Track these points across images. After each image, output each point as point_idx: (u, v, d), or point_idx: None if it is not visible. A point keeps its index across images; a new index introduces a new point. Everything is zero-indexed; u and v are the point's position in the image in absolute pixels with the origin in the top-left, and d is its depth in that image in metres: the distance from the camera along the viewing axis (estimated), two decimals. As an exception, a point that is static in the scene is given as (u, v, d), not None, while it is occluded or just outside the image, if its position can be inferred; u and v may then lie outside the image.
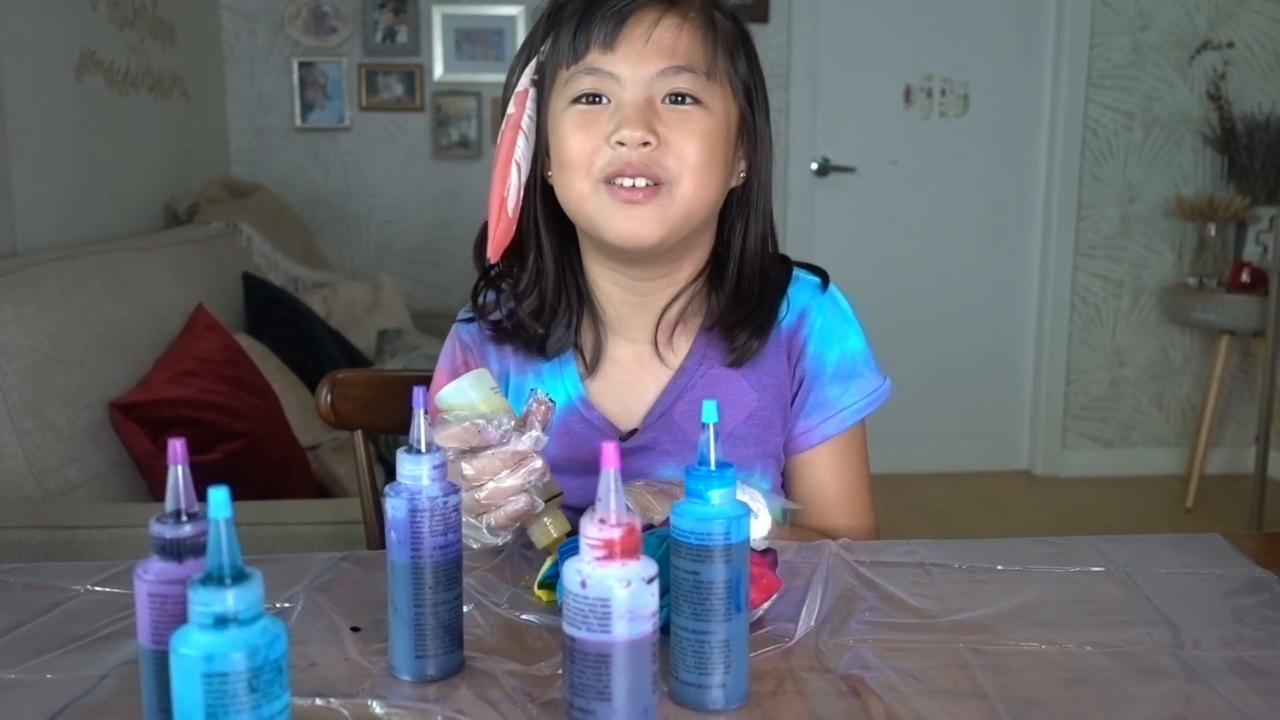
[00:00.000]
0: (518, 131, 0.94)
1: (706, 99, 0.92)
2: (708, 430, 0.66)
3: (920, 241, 3.78)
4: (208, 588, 0.50)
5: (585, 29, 0.91)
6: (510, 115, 0.95)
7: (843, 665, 0.71)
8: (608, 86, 0.91)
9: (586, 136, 0.92)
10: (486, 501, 0.83)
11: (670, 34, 0.91)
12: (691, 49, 0.91)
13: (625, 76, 0.90)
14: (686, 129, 0.91)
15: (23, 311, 1.70)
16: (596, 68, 0.91)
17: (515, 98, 0.94)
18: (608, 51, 0.90)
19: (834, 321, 1.03)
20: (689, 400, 1.00)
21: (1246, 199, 3.56)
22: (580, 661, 0.59)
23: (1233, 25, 3.66)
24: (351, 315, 3.04)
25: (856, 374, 1.03)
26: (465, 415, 0.83)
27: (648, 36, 0.90)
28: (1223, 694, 0.67)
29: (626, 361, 1.03)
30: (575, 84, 0.92)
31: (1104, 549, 0.92)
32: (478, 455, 0.82)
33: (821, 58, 3.66)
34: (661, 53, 0.90)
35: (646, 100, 0.91)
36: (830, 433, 1.02)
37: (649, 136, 0.90)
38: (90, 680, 0.71)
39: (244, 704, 0.50)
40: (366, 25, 3.51)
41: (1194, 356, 3.85)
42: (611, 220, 0.92)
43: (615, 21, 0.90)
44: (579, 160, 0.92)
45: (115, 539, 1.52)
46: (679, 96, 0.92)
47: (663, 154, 0.91)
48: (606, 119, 0.91)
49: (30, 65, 2.17)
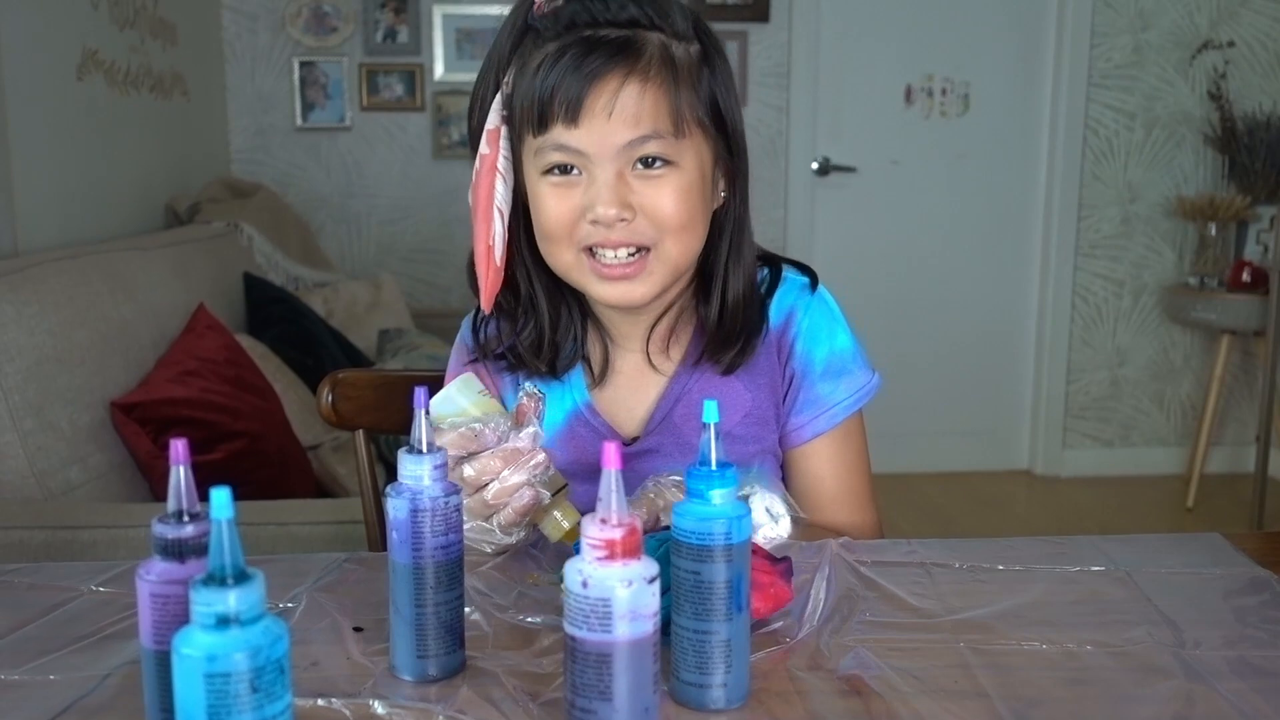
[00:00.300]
0: (495, 174, 0.91)
1: (677, 157, 0.91)
2: (708, 430, 0.66)
3: (921, 241, 3.78)
4: (210, 588, 0.50)
5: (546, 99, 0.88)
6: (485, 156, 0.91)
7: (844, 665, 0.71)
8: (576, 160, 0.90)
9: (562, 208, 0.91)
10: (494, 501, 0.83)
11: (633, 101, 0.87)
12: (656, 112, 0.88)
13: (592, 153, 0.89)
14: (660, 195, 0.90)
15: (24, 311, 1.70)
16: (563, 144, 0.89)
17: (487, 136, 0.91)
18: (571, 126, 0.88)
19: (821, 320, 1.05)
20: (686, 404, 1.02)
21: (1247, 198, 3.56)
22: (581, 661, 0.59)
23: (1234, 25, 3.66)
24: (352, 315, 3.04)
25: (846, 371, 1.04)
26: (459, 422, 0.84)
27: (610, 109, 0.87)
28: (1223, 693, 0.67)
29: (629, 370, 1.05)
30: (544, 157, 0.91)
31: (1105, 549, 0.92)
32: (477, 458, 0.83)
33: (822, 57, 3.66)
34: (626, 123, 0.88)
35: (616, 174, 0.89)
36: (822, 428, 1.04)
37: (624, 213, 0.90)
38: (93, 680, 0.71)
39: (246, 704, 0.50)
40: (367, 25, 3.52)
41: (1194, 356, 3.85)
42: (600, 289, 0.94)
43: (576, 93, 0.87)
44: (559, 232, 0.92)
45: (116, 539, 1.52)
46: (649, 159, 0.90)
47: (640, 223, 0.91)
48: (580, 191, 0.91)
49: (31, 65, 2.17)
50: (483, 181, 0.92)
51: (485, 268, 0.93)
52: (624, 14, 0.88)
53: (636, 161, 0.90)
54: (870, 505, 1.08)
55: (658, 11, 0.90)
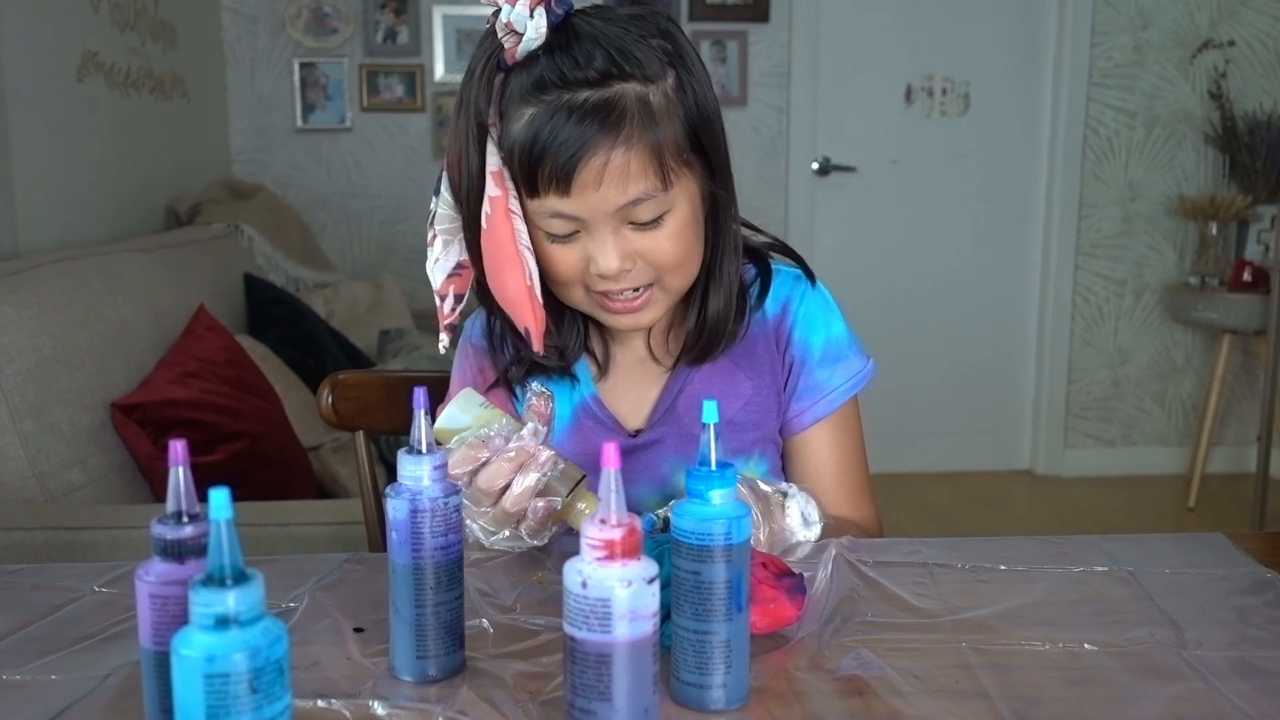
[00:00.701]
0: (510, 216, 0.91)
1: (670, 205, 0.92)
2: (708, 430, 0.66)
3: (921, 241, 3.78)
4: (209, 589, 0.50)
5: (534, 171, 0.89)
6: (494, 198, 0.90)
7: (844, 665, 0.71)
8: (575, 223, 0.91)
9: (569, 261, 0.94)
10: (514, 509, 0.84)
11: (618, 169, 0.88)
12: (643, 175, 0.89)
13: (587, 218, 0.90)
14: (657, 242, 0.93)
15: (24, 313, 1.70)
16: (559, 211, 0.90)
17: (493, 178, 0.90)
18: (563, 196, 0.89)
19: (817, 308, 1.07)
20: (689, 394, 1.04)
21: (1248, 198, 3.55)
22: (581, 662, 0.59)
23: (1234, 24, 3.66)
24: (353, 316, 3.04)
25: (842, 356, 1.07)
26: (465, 437, 0.85)
27: (599, 181, 0.88)
28: (1225, 694, 0.67)
29: (631, 364, 1.07)
30: (544, 221, 0.92)
31: (1107, 548, 0.92)
32: (487, 465, 0.84)
33: (822, 57, 3.66)
34: (615, 190, 0.88)
35: (613, 231, 0.91)
36: (822, 414, 1.06)
37: (625, 264, 0.92)
38: (93, 681, 0.71)
39: (245, 705, 0.50)
40: (367, 26, 3.52)
41: (1196, 356, 3.84)
42: (611, 320, 0.98)
43: (562, 170, 0.87)
44: (567, 278, 0.95)
45: (117, 540, 1.52)
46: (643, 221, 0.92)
47: (642, 269, 0.94)
48: (581, 246, 0.93)
49: (32, 67, 2.17)
50: (500, 226, 0.91)
51: (530, 308, 0.93)
52: (594, 67, 0.87)
53: (631, 220, 0.91)
54: (870, 499, 1.10)
55: (625, 57, 0.88)
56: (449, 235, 0.96)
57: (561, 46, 0.88)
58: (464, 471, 0.84)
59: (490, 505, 0.85)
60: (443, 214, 0.96)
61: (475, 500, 0.85)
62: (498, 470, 0.83)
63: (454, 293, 0.98)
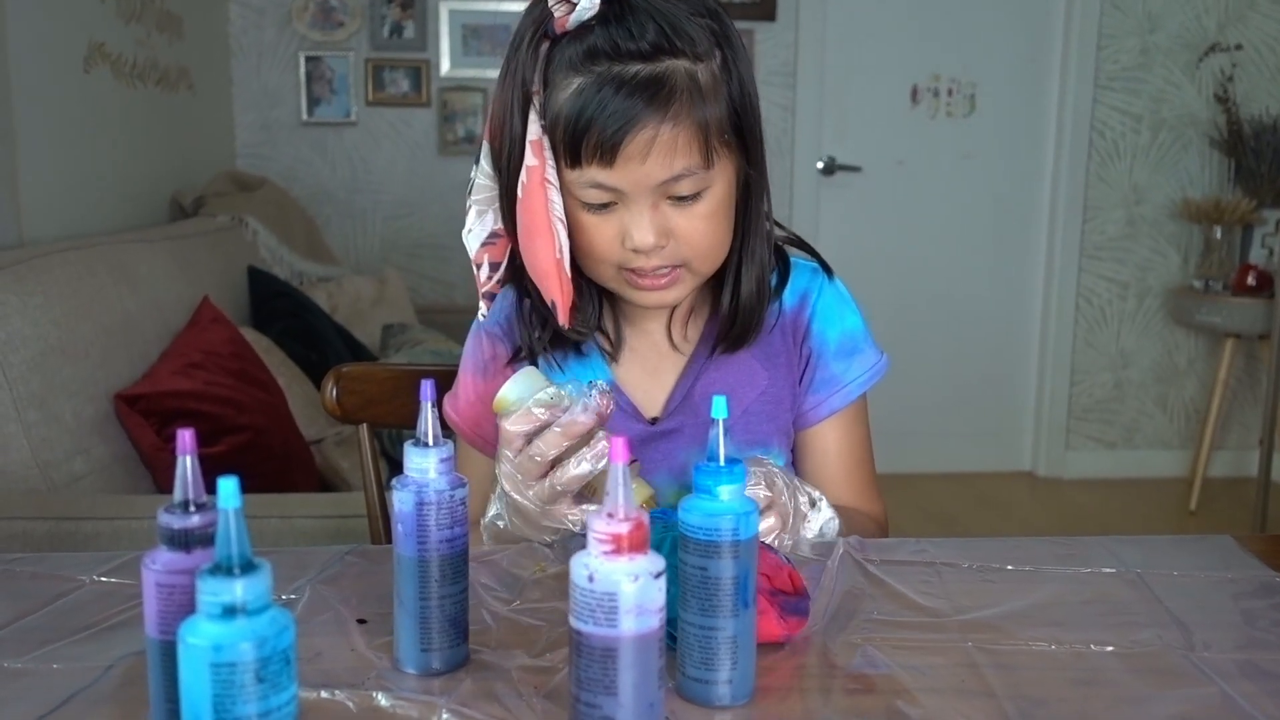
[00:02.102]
0: (546, 186, 0.91)
1: (709, 184, 0.93)
2: (716, 426, 0.66)
3: (926, 241, 3.78)
4: (216, 578, 0.49)
5: (580, 141, 0.89)
6: (531, 168, 0.90)
7: (850, 663, 0.71)
8: (614, 194, 0.91)
9: (602, 235, 0.94)
10: (562, 488, 0.83)
11: (665, 144, 0.88)
12: (689, 152, 0.90)
13: (628, 190, 0.90)
14: (693, 221, 0.93)
15: (29, 302, 1.70)
16: (599, 182, 0.90)
17: (531, 147, 0.90)
18: (607, 167, 0.89)
19: (834, 301, 1.08)
20: (705, 382, 1.04)
21: (1253, 202, 3.55)
22: (587, 656, 0.59)
23: (1241, 28, 3.66)
24: (356, 310, 3.04)
25: (858, 350, 1.07)
26: (528, 405, 0.84)
27: (645, 153, 0.88)
28: (1233, 696, 0.67)
29: (645, 350, 1.06)
30: (582, 191, 0.92)
31: (1115, 550, 0.92)
32: (541, 436, 0.83)
33: (828, 57, 3.65)
34: (660, 165, 0.89)
35: (652, 205, 0.91)
36: (836, 406, 1.06)
37: (661, 240, 0.92)
38: (96, 670, 0.71)
39: (251, 694, 0.49)
40: (374, 20, 3.51)
41: (1198, 359, 3.84)
42: (636, 296, 0.98)
43: (609, 140, 0.88)
44: (598, 254, 0.95)
45: (120, 531, 1.52)
46: (683, 196, 0.92)
47: (675, 247, 0.94)
48: (617, 220, 0.93)
49: (38, 58, 2.17)
50: (535, 194, 0.91)
51: (558, 281, 0.93)
52: (646, 40, 0.88)
53: (670, 195, 0.92)
54: (878, 493, 1.10)
55: (677, 33, 0.89)
56: (484, 205, 0.98)
57: (615, 18, 0.88)
58: (520, 431, 0.83)
59: (536, 480, 0.84)
60: (480, 184, 0.97)
61: (525, 471, 0.84)
62: (553, 440, 0.83)
63: (489, 261, 0.99)
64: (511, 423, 0.84)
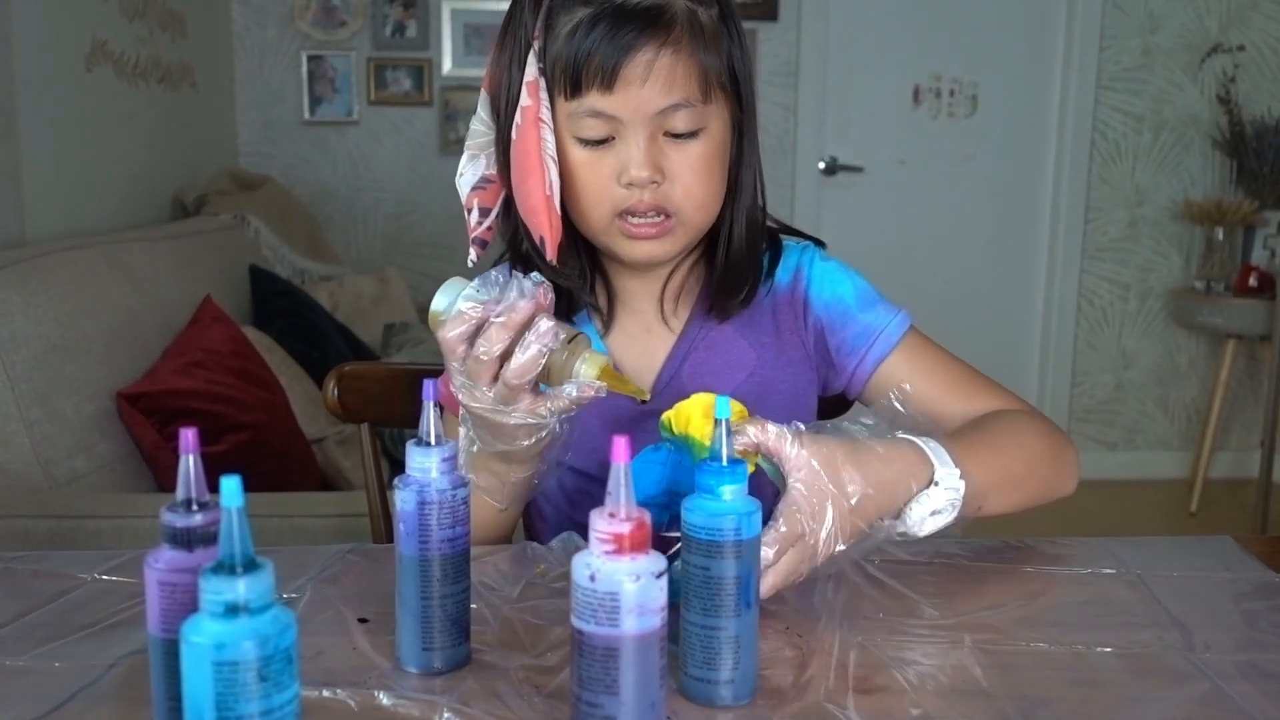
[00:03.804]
0: (539, 125, 0.91)
1: (705, 122, 0.93)
2: (720, 426, 0.66)
3: (927, 242, 3.78)
4: (219, 576, 0.49)
5: (581, 66, 0.89)
6: (526, 107, 0.91)
7: (851, 663, 0.71)
8: (610, 126, 0.92)
9: (596, 175, 0.93)
10: (517, 384, 0.80)
11: (665, 68, 0.89)
12: (687, 81, 0.91)
13: (626, 118, 0.91)
14: (689, 161, 0.93)
15: (31, 301, 1.70)
16: (598, 110, 0.90)
17: (527, 87, 0.91)
18: (606, 93, 0.90)
19: (830, 268, 1.07)
20: (694, 362, 1.03)
21: (1255, 203, 3.55)
22: (588, 655, 0.59)
23: (1243, 28, 3.65)
24: (358, 308, 3.04)
25: (877, 301, 1.05)
26: (458, 309, 0.81)
27: (645, 77, 0.89)
28: (1233, 697, 0.67)
29: (635, 330, 1.05)
30: (579, 124, 0.92)
31: (1115, 551, 0.92)
32: (482, 333, 0.80)
33: (830, 57, 3.65)
34: (660, 90, 0.90)
35: (649, 137, 0.91)
36: (882, 352, 1.03)
37: (656, 175, 0.92)
38: (98, 669, 0.71)
39: (254, 693, 0.49)
40: (376, 19, 3.51)
41: (1200, 360, 3.84)
42: (626, 248, 0.96)
43: (611, 62, 0.88)
44: (591, 197, 0.94)
45: (121, 529, 1.52)
46: (680, 132, 0.92)
47: (669, 188, 0.93)
48: (613, 156, 0.93)
49: (41, 56, 2.17)
50: (528, 133, 0.91)
51: (547, 217, 0.92)
52: None
53: (667, 129, 0.92)
54: (1000, 390, 1.02)
55: None
56: (477, 151, 0.98)
57: None
58: (458, 335, 0.80)
59: (489, 383, 0.81)
60: (475, 129, 0.98)
61: (474, 375, 0.81)
62: (496, 334, 0.80)
63: (479, 205, 0.99)
64: (446, 329, 0.81)
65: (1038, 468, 0.94)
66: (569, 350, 0.81)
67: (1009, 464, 0.91)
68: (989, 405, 1.00)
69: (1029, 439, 0.95)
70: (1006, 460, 0.91)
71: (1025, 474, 0.93)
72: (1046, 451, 0.96)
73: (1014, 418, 0.97)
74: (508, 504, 0.93)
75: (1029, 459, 0.94)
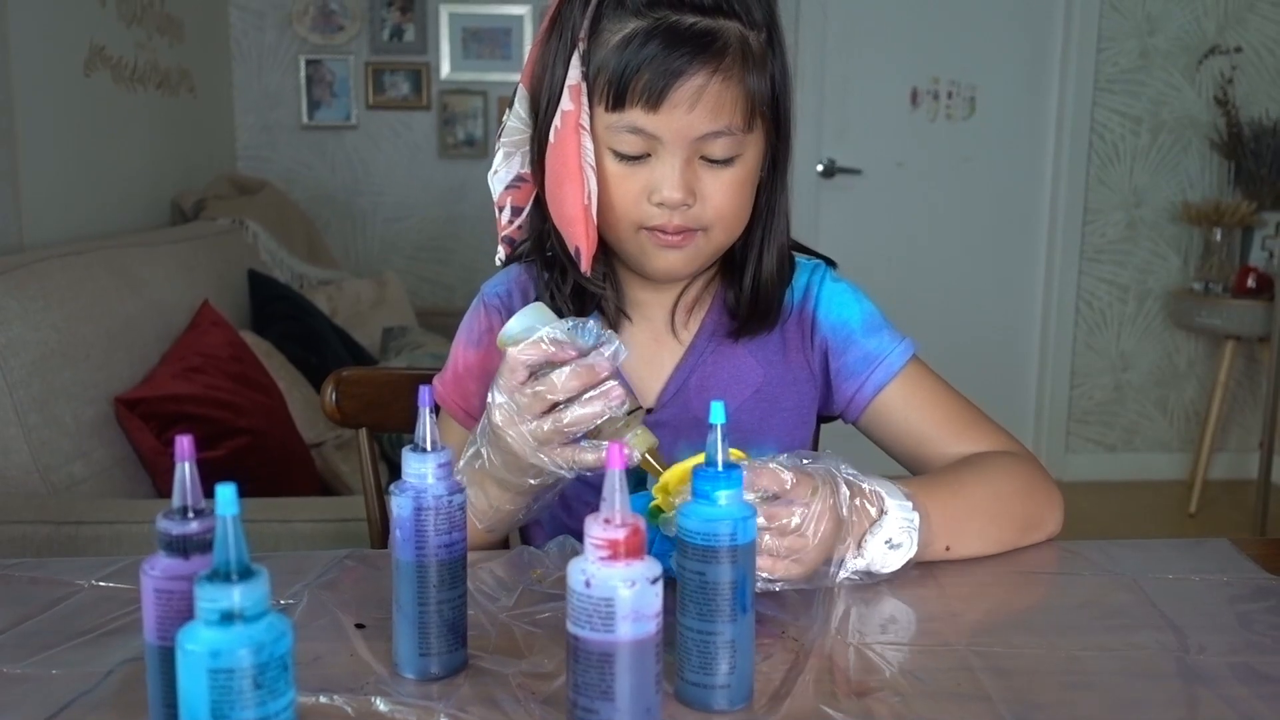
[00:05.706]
0: (580, 132, 0.90)
1: (743, 150, 0.92)
2: (714, 431, 0.66)
3: (926, 244, 3.78)
4: (214, 584, 0.50)
5: (628, 82, 0.88)
6: (567, 112, 0.90)
7: (848, 667, 0.71)
8: (649, 144, 0.91)
9: (627, 189, 0.92)
10: (568, 429, 0.80)
11: (714, 96, 0.88)
12: (733, 109, 0.90)
13: (666, 139, 0.90)
14: (722, 184, 0.92)
15: (29, 306, 1.70)
16: (639, 127, 0.89)
17: (569, 91, 0.90)
18: (651, 112, 0.88)
19: (840, 290, 1.06)
20: (700, 375, 1.03)
21: (1253, 204, 3.55)
22: (584, 661, 0.59)
23: (1241, 30, 3.66)
24: (356, 313, 3.04)
25: (883, 327, 1.05)
26: (538, 336, 0.81)
27: (692, 103, 0.88)
28: (1227, 699, 0.67)
29: (643, 340, 1.04)
30: (617, 137, 0.91)
31: (1111, 553, 0.92)
32: (554, 372, 0.80)
33: (828, 59, 3.66)
34: (704, 118, 0.89)
35: (685, 160, 0.91)
36: (883, 380, 1.03)
37: (689, 199, 0.91)
38: (95, 676, 0.71)
39: (249, 700, 0.50)
40: (374, 23, 3.52)
41: (1198, 362, 3.84)
42: (649, 260, 0.96)
43: (660, 84, 0.87)
44: (619, 209, 0.93)
45: (119, 535, 1.52)
46: (718, 159, 0.92)
47: (699, 209, 0.93)
48: (647, 172, 0.92)
49: (39, 61, 2.17)
50: (568, 140, 0.90)
51: (584, 228, 0.92)
52: None
53: (704, 154, 0.91)
54: (993, 427, 1.03)
55: None
56: (512, 149, 0.97)
57: None
58: (528, 360, 0.80)
59: (535, 418, 0.80)
60: (512, 126, 0.97)
61: (525, 407, 0.80)
62: (568, 381, 0.79)
63: (511, 204, 0.98)
64: (520, 350, 0.80)
65: (1009, 504, 0.94)
66: (625, 421, 0.81)
67: (974, 501, 0.92)
68: (978, 446, 1.00)
69: (999, 478, 0.95)
70: (968, 498, 0.91)
71: (996, 510, 0.93)
72: (1020, 490, 0.95)
73: (990, 458, 0.97)
74: (490, 527, 0.92)
75: (998, 495, 0.93)
